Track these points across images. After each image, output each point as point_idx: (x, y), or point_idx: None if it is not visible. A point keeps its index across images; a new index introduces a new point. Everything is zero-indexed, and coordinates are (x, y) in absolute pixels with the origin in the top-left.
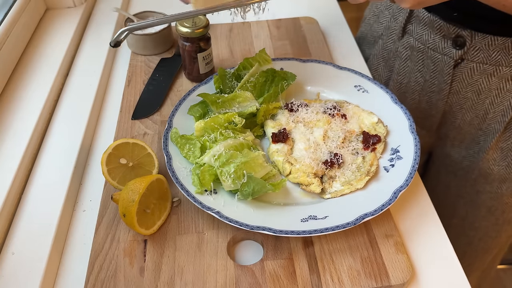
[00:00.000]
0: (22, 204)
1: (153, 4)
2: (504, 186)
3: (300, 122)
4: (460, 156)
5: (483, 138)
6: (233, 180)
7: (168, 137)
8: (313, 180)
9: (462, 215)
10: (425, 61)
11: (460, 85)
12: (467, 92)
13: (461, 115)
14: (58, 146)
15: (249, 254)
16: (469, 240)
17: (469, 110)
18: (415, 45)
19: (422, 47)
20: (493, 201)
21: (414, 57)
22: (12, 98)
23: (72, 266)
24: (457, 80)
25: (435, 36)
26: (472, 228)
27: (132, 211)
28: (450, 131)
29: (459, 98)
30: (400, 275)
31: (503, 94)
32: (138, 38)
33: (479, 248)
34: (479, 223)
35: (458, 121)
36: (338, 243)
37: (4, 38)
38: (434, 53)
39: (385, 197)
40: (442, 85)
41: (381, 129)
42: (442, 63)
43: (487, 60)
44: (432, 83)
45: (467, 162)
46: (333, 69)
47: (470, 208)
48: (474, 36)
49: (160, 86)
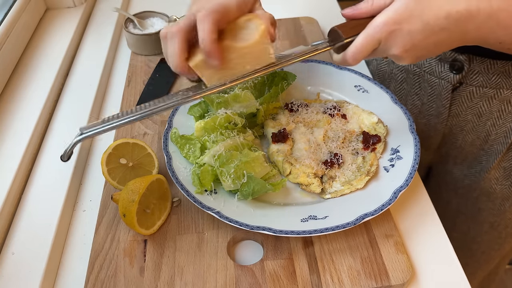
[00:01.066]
0: (22, 204)
1: (153, 4)
2: (507, 203)
3: (300, 122)
4: (462, 175)
5: (485, 158)
6: (233, 180)
7: (168, 137)
8: (313, 180)
9: (463, 230)
10: (421, 84)
11: (460, 108)
12: (467, 115)
13: (462, 136)
14: (58, 146)
15: (249, 254)
16: (472, 253)
17: (470, 132)
18: (411, 68)
19: (418, 71)
20: (496, 217)
21: (410, 79)
22: (12, 98)
23: (72, 266)
24: (456, 103)
25: (431, 60)
26: (475, 242)
27: (132, 211)
28: (452, 150)
29: (459, 120)
30: (400, 275)
31: (505, 116)
32: (138, 38)
33: (482, 260)
34: (481, 238)
35: (459, 141)
36: (338, 243)
37: (4, 38)
38: (431, 77)
39: (385, 197)
40: (440, 109)
41: (381, 129)
42: (439, 87)
43: (487, 83)
44: (430, 106)
45: (468, 181)
46: (333, 69)
47: (472, 223)
48: (472, 60)
49: (160, 86)
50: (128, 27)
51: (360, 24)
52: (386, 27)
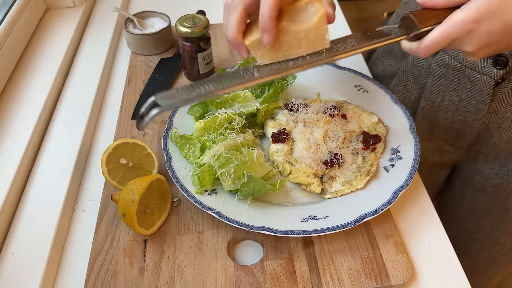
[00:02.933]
0: (22, 204)
1: (153, 4)
2: None
3: (300, 122)
4: (493, 173)
5: None
6: (233, 180)
7: (168, 137)
8: (313, 180)
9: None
10: (461, 80)
11: (499, 104)
12: (507, 112)
13: (498, 133)
14: (58, 146)
15: (249, 254)
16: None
17: (507, 129)
18: (451, 63)
19: (459, 66)
20: None
21: (449, 75)
22: (12, 98)
23: (72, 266)
24: (496, 100)
25: None
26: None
27: (132, 211)
28: (484, 148)
29: (497, 117)
30: (400, 275)
31: None
32: (138, 38)
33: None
34: (505, 239)
35: (494, 139)
36: (338, 243)
37: (4, 38)
38: (473, 72)
39: (385, 197)
40: (480, 105)
41: (381, 129)
42: (481, 82)
43: None
44: (468, 103)
45: (499, 179)
46: (333, 69)
47: (497, 223)
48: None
49: (160, 86)
50: (128, 27)
51: (436, 15)
52: (466, 25)
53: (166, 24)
